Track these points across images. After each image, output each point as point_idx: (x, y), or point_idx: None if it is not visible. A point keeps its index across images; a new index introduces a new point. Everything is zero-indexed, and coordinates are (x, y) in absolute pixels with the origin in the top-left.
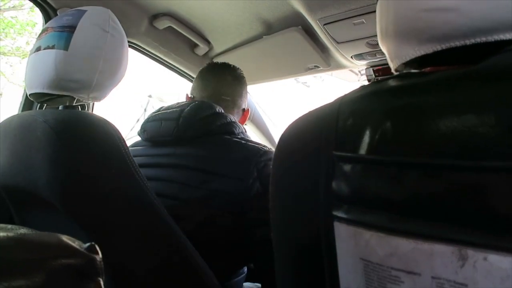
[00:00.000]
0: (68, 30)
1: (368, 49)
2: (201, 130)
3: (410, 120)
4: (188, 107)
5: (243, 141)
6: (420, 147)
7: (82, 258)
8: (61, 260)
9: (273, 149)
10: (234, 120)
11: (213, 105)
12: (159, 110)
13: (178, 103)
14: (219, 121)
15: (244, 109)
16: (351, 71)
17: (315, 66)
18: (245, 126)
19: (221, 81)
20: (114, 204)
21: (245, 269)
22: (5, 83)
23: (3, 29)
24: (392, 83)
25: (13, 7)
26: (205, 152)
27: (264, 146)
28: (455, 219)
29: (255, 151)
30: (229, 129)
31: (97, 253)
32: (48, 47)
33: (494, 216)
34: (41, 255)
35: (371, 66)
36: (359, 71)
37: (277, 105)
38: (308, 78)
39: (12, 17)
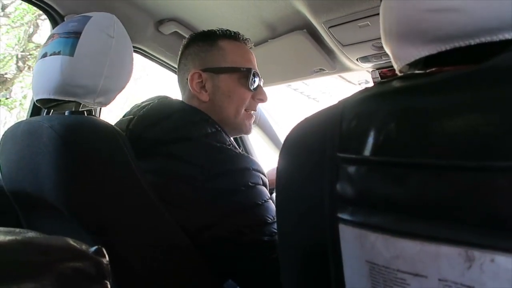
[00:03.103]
0: (74, 36)
1: (373, 52)
2: None
3: (415, 120)
4: None
5: None
6: (426, 147)
7: (89, 261)
8: (69, 263)
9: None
10: None
11: None
12: None
13: None
14: None
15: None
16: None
17: (320, 69)
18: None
19: None
20: (118, 207)
21: None
22: None
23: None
24: (396, 84)
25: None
26: None
27: None
28: (461, 220)
29: None
30: None
31: (104, 256)
32: (54, 53)
33: (500, 217)
34: (49, 258)
35: (377, 68)
36: (359, 83)
37: (291, 121)
38: (317, 94)
39: None
